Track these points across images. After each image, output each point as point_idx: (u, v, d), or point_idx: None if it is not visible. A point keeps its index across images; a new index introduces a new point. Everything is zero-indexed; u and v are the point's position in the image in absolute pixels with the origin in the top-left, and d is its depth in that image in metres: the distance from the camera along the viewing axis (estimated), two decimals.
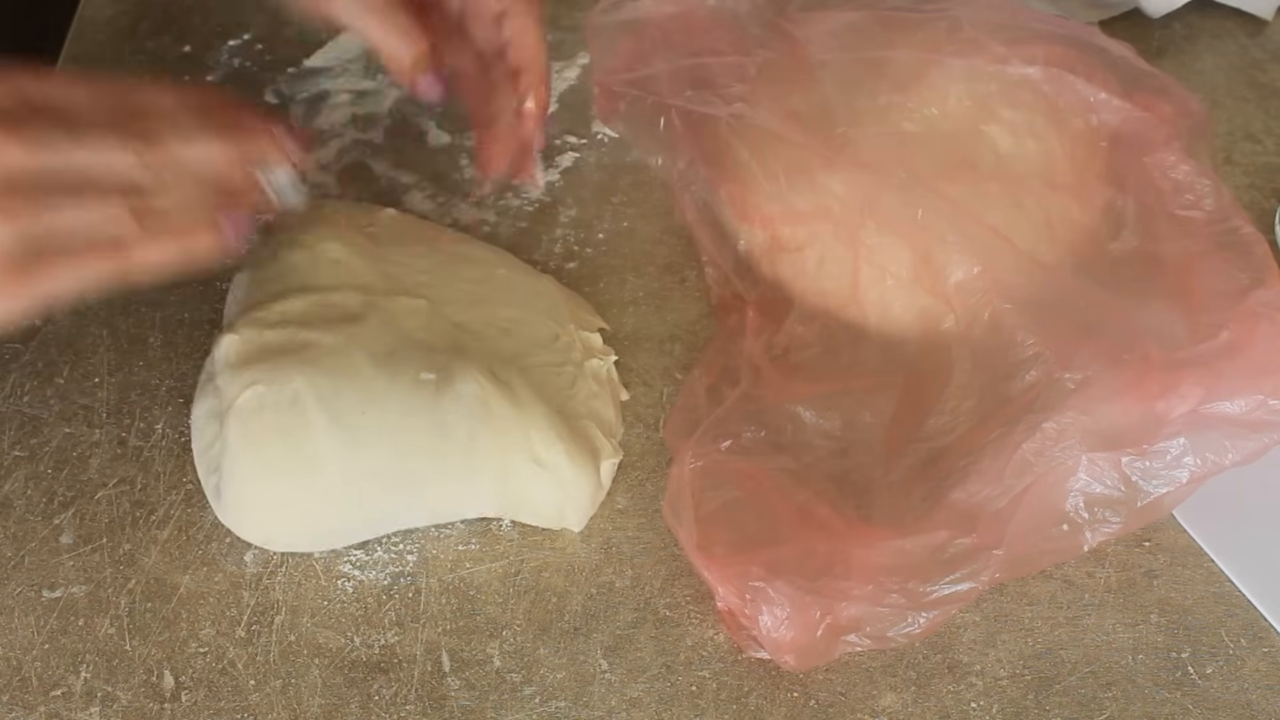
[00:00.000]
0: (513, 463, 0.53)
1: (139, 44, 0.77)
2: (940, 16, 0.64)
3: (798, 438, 0.55)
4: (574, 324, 0.60)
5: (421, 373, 0.52)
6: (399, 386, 0.52)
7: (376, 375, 0.52)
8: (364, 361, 0.52)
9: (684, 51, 0.65)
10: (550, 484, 0.54)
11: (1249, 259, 0.56)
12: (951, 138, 0.61)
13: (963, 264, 0.56)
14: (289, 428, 0.51)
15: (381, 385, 0.52)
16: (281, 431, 0.51)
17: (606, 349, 0.60)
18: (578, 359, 0.58)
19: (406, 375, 0.52)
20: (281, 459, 0.51)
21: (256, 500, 0.52)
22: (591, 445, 0.55)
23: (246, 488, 0.52)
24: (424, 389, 0.52)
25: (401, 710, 0.50)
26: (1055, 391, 0.52)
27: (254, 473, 0.52)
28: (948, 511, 0.51)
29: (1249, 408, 0.50)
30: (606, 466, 0.56)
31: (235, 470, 0.52)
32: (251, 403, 0.51)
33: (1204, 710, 0.50)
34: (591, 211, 0.68)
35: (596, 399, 0.58)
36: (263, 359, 0.52)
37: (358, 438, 0.52)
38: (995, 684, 0.51)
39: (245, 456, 0.51)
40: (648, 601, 0.53)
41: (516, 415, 0.53)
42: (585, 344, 0.59)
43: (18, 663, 0.51)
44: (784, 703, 0.50)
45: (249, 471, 0.52)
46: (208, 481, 0.54)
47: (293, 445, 0.51)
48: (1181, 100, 0.62)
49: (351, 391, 0.52)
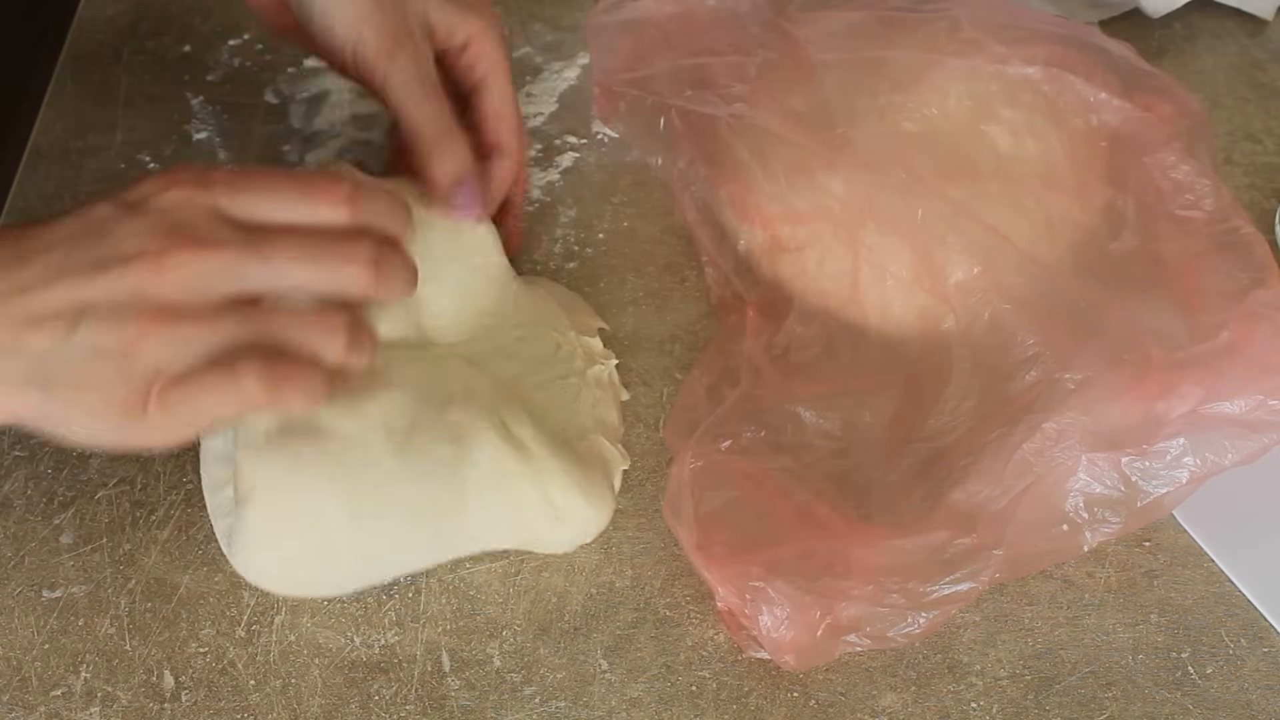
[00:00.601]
0: (528, 516, 0.53)
1: (139, 44, 0.77)
2: (940, 16, 0.64)
3: (798, 438, 0.55)
4: (574, 330, 0.59)
5: (441, 447, 0.51)
6: (418, 465, 0.51)
7: (395, 464, 0.51)
8: (383, 450, 0.50)
9: (684, 51, 0.65)
10: (567, 525, 0.54)
11: (1249, 259, 0.56)
12: (951, 138, 0.61)
13: (963, 264, 0.56)
14: (307, 525, 0.50)
15: (400, 471, 0.51)
16: (299, 527, 0.51)
17: (607, 352, 0.60)
18: (580, 368, 0.58)
19: (424, 453, 0.51)
20: (299, 545, 0.51)
21: (267, 565, 0.52)
22: (605, 468, 0.56)
23: (257, 555, 0.51)
24: (441, 462, 0.52)
25: (401, 710, 0.50)
26: (1055, 392, 0.52)
27: (268, 551, 0.51)
28: (948, 512, 0.51)
29: (1249, 408, 0.50)
30: (616, 475, 0.56)
31: (249, 543, 0.51)
32: (269, 501, 0.50)
33: (1204, 710, 0.50)
34: (591, 211, 0.68)
35: (600, 405, 0.58)
36: (280, 449, 0.50)
37: (376, 524, 0.51)
38: (995, 684, 0.51)
39: (260, 539, 0.51)
40: (648, 601, 0.53)
41: (532, 474, 0.53)
42: (586, 349, 0.59)
43: (18, 663, 0.51)
44: (784, 703, 0.50)
45: (263, 546, 0.51)
46: (217, 522, 0.53)
47: (310, 536, 0.51)
48: (1181, 100, 0.62)
49: (371, 485, 0.50)
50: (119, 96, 0.73)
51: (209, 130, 0.72)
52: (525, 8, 0.80)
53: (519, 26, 0.79)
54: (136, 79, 0.74)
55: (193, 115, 0.73)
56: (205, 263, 0.43)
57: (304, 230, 0.45)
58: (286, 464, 0.50)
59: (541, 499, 0.53)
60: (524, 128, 0.58)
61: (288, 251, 0.44)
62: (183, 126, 0.72)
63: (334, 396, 0.46)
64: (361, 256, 0.45)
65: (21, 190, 0.69)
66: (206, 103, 0.73)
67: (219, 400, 0.44)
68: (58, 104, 0.73)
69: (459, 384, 0.53)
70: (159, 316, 0.42)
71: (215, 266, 0.43)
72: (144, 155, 0.70)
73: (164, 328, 0.42)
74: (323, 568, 0.51)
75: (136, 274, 0.43)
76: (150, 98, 0.73)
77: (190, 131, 0.72)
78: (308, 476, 0.50)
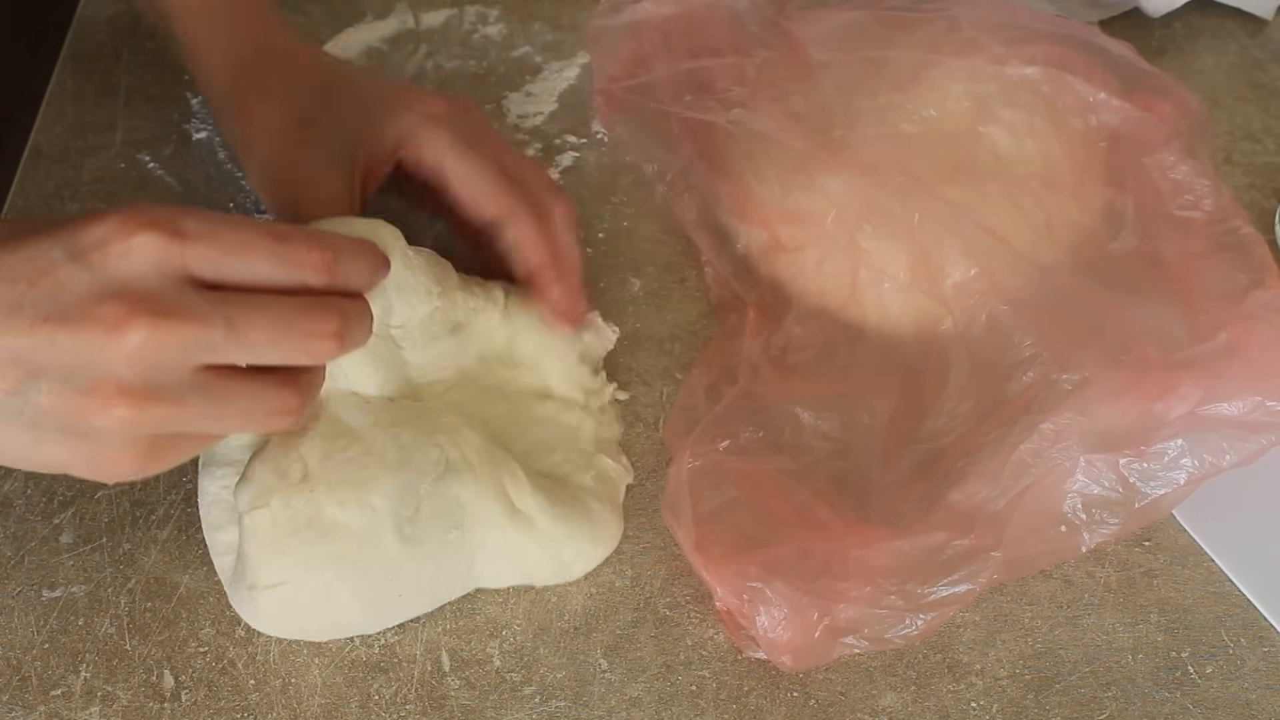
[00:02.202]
0: (538, 573, 0.53)
1: (139, 44, 0.77)
2: (939, 16, 0.64)
3: (796, 438, 0.55)
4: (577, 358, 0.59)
5: (448, 532, 0.51)
6: (425, 550, 0.51)
7: (405, 552, 0.50)
8: (392, 541, 0.50)
9: (683, 53, 0.65)
10: (576, 570, 0.54)
11: (1248, 259, 0.56)
12: (950, 138, 0.61)
13: (960, 265, 0.56)
14: (316, 608, 0.51)
15: (409, 557, 0.51)
16: (309, 610, 0.51)
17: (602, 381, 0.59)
18: (582, 398, 0.58)
19: (431, 538, 0.51)
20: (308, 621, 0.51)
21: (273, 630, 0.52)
22: (612, 495, 0.55)
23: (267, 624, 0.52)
24: (449, 546, 0.51)
25: (401, 710, 0.50)
26: (1053, 392, 0.52)
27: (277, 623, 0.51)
28: (946, 513, 0.51)
29: (1247, 409, 0.50)
30: (621, 491, 0.56)
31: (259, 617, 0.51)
32: (282, 594, 0.50)
33: (1204, 710, 0.50)
34: (591, 211, 0.68)
35: (604, 427, 0.58)
36: (291, 546, 0.50)
37: (384, 603, 0.51)
38: (995, 684, 0.51)
39: (271, 619, 0.51)
40: (648, 601, 0.53)
41: (541, 546, 0.53)
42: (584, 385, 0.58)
43: (18, 662, 0.51)
44: (784, 702, 0.50)
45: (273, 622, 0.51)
46: (216, 559, 0.53)
47: (319, 614, 0.51)
48: (1181, 100, 0.62)
49: (381, 574, 0.50)
50: (119, 96, 0.74)
51: (209, 130, 0.72)
52: (525, 8, 0.80)
53: (519, 26, 0.79)
54: (136, 79, 0.74)
55: (193, 115, 0.73)
56: (169, 337, 0.39)
57: (274, 298, 0.41)
58: (298, 561, 0.49)
59: (552, 559, 0.53)
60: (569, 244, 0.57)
61: (259, 330, 0.41)
62: (182, 126, 0.72)
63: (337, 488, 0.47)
64: (330, 330, 0.42)
65: (21, 190, 0.69)
66: (206, 103, 0.73)
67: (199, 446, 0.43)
68: (58, 104, 0.73)
69: (450, 442, 0.52)
70: (119, 393, 0.39)
71: (180, 343, 0.39)
72: (144, 155, 0.70)
73: (126, 407, 0.39)
74: (330, 630, 0.52)
75: (90, 342, 0.38)
76: (150, 98, 0.73)
77: (190, 131, 0.72)
78: (318, 571, 0.49)
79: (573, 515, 0.53)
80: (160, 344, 0.39)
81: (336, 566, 0.49)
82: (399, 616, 0.52)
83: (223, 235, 0.40)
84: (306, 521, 0.49)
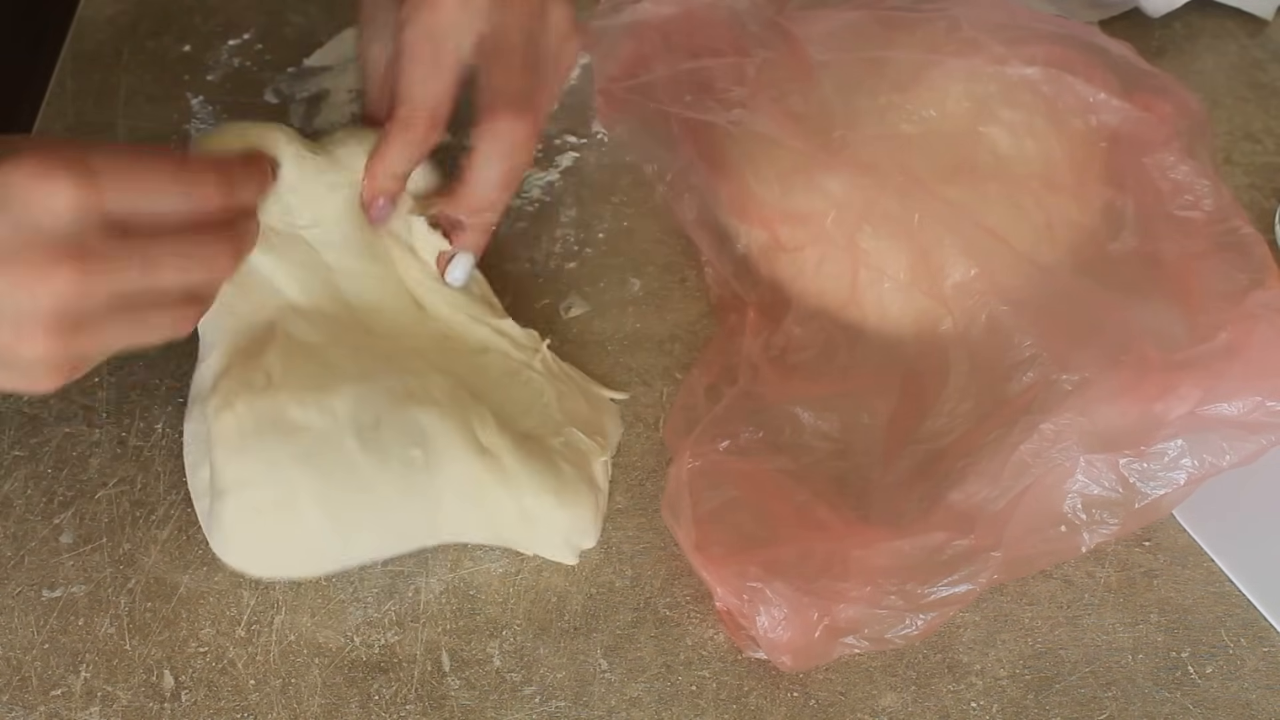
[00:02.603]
0: (504, 519, 0.53)
1: (139, 44, 0.77)
2: (939, 16, 0.64)
3: (796, 438, 0.55)
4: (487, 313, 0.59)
5: (410, 449, 0.52)
6: (390, 469, 0.51)
7: (367, 460, 0.51)
8: (353, 446, 0.51)
9: (683, 53, 0.65)
10: (544, 529, 0.54)
11: (1248, 259, 0.56)
12: (950, 139, 0.61)
13: (960, 265, 0.56)
14: (283, 525, 0.51)
15: (370, 466, 0.51)
16: (273, 518, 0.51)
17: (531, 334, 0.59)
18: (525, 360, 0.58)
19: (395, 454, 0.52)
20: (273, 533, 0.52)
21: (243, 550, 0.52)
22: (584, 464, 0.55)
23: (234, 541, 0.52)
24: (414, 469, 0.52)
25: (401, 710, 0.50)
26: (1053, 393, 0.52)
27: (244, 537, 0.52)
28: (946, 513, 0.51)
29: (1247, 409, 0.50)
30: (599, 467, 0.56)
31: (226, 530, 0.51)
32: (244, 495, 0.51)
33: (1204, 710, 0.50)
34: (591, 211, 0.68)
35: (566, 397, 0.58)
36: (254, 445, 0.51)
37: (348, 513, 0.51)
38: (995, 684, 0.51)
39: (237, 528, 0.51)
40: (648, 601, 0.53)
41: (506, 489, 0.53)
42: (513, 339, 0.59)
43: (18, 662, 0.51)
44: (784, 702, 0.50)
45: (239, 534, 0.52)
46: (198, 501, 0.54)
47: (286, 533, 0.51)
48: (1181, 100, 0.62)
49: (342, 477, 0.51)
50: (119, 96, 0.73)
51: (209, 130, 0.72)
52: None
53: None
54: (136, 79, 0.74)
55: (193, 115, 0.72)
56: (91, 281, 0.42)
57: (178, 236, 0.45)
58: (260, 460, 0.51)
59: (516, 506, 0.53)
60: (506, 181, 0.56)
61: (171, 261, 0.45)
62: (183, 126, 0.72)
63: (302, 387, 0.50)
64: (230, 251, 0.47)
65: None
66: (206, 103, 0.73)
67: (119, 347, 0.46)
68: (58, 104, 0.73)
69: (416, 380, 0.54)
70: (44, 331, 0.42)
71: (101, 285, 0.43)
72: None
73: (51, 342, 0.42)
74: (296, 552, 0.52)
75: (17, 285, 0.41)
76: (150, 98, 0.73)
77: (190, 131, 0.72)
78: (281, 470, 0.51)
79: (540, 465, 0.54)
80: (82, 287, 0.42)
81: (299, 465, 0.50)
82: (369, 547, 0.52)
83: (131, 171, 0.44)
84: (271, 423, 0.51)
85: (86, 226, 0.42)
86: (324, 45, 0.77)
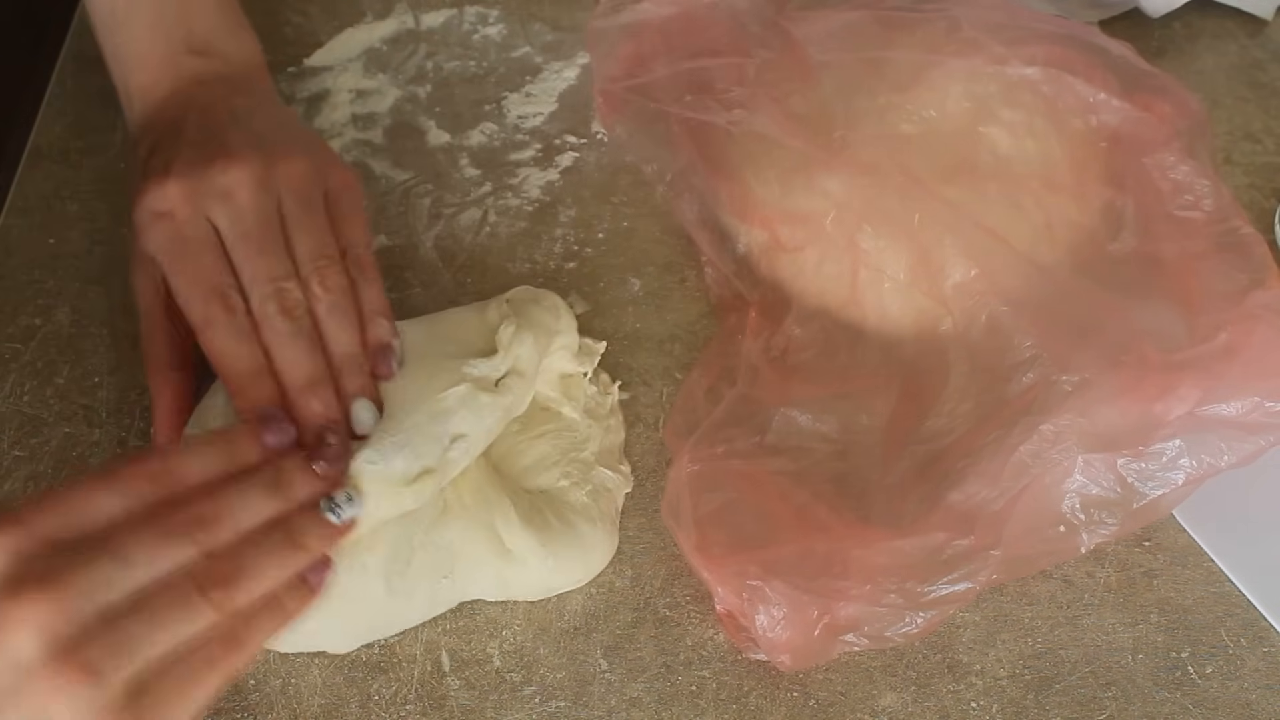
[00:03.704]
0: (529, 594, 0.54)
1: None
2: (939, 16, 0.64)
3: (796, 440, 0.55)
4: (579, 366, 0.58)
5: (438, 581, 0.51)
6: (415, 601, 0.51)
7: (393, 601, 0.51)
8: (379, 592, 0.50)
9: (683, 54, 0.65)
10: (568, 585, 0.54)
11: (1248, 259, 0.56)
12: (950, 139, 0.61)
13: (960, 266, 0.56)
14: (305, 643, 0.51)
15: (398, 607, 0.51)
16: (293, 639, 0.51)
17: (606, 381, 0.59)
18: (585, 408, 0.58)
19: (423, 588, 0.51)
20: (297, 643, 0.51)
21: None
22: (611, 510, 0.55)
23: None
24: (439, 590, 0.52)
25: (401, 710, 0.50)
26: (1052, 393, 0.52)
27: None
28: (945, 513, 0.51)
29: (1246, 410, 0.51)
30: (619, 499, 0.56)
31: None
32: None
33: (1204, 710, 0.50)
34: (591, 211, 0.68)
35: (610, 433, 0.58)
36: None
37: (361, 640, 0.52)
38: (995, 684, 0.51)
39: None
40: (648, 601, 0.53)
41: (527, 579, 0.53)
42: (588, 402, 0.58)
43: None
44: (784, 702, 0.50)
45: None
46: None
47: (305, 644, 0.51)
48: (1181, 100, 0.62)
49: (363, 621, 0.51)
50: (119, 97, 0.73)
51: None
52: (525, 8, 0.80)
53: (519, 27, 0.79)
54: None
55: None
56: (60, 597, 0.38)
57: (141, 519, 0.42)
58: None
59: (540, 586, 0.53)
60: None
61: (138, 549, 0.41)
62: None
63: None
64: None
65: (21, 190, 0.69)
66: None
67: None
68: (58, 104, 0.73)
69: (451, 488, 0.52)
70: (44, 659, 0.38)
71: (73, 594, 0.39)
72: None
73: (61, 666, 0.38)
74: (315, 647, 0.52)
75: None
76: None
77: None
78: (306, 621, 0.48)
79: (563, 544, 0.53)
80: (56, 606, 0.38)
81: (317, 616, 0.48)
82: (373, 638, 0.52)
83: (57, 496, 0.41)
84: None
85: (28, 558, 0.39)
86: (324, 45, 0.77)
